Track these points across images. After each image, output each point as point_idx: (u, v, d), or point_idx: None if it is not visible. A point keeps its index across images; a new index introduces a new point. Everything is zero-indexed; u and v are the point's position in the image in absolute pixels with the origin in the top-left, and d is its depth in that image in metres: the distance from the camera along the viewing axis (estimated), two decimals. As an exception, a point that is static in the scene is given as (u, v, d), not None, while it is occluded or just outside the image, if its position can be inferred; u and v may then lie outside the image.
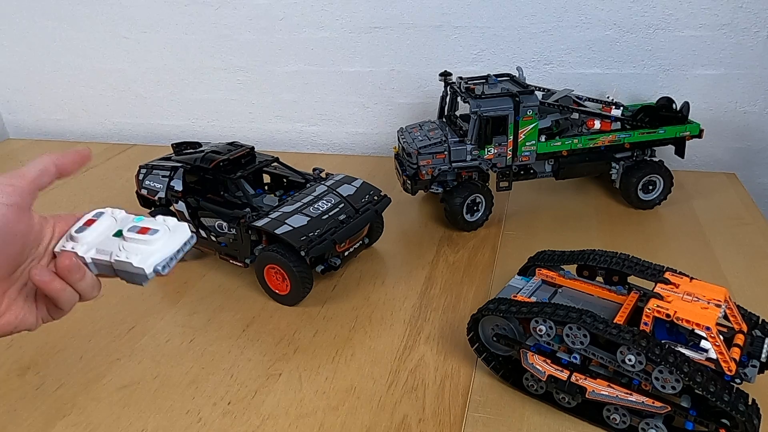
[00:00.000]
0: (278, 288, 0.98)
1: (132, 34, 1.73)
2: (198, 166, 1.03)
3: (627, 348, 0.65)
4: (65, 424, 0.77)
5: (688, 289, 0.68)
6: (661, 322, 0.66)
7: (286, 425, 0.75)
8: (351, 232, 0.98)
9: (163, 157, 1.14)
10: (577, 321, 0.68)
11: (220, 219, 1.04)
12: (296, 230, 0.93)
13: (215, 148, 1.06)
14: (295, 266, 0.93)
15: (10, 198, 0.46)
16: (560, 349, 0.72)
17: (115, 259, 0.51)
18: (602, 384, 0.69)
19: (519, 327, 0.76)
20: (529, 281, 0.83)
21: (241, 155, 1.05)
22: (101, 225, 0.53)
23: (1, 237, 0.45)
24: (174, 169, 1.07)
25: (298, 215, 0.97)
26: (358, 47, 1.54)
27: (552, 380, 0.72)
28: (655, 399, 0.66)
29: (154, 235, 0.51)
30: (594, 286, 0.79)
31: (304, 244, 0.91)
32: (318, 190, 1.05)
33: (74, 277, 0.50)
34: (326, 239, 0.94)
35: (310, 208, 0.99)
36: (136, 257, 0.50)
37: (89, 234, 0.52)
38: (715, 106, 1.37)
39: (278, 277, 0.96)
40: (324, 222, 0.96)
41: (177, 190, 1.06)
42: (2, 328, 0.49)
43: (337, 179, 1.09)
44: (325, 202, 1.01)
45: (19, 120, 2.01)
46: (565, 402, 0.74)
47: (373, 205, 1.04)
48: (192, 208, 1.06)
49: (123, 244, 0.51)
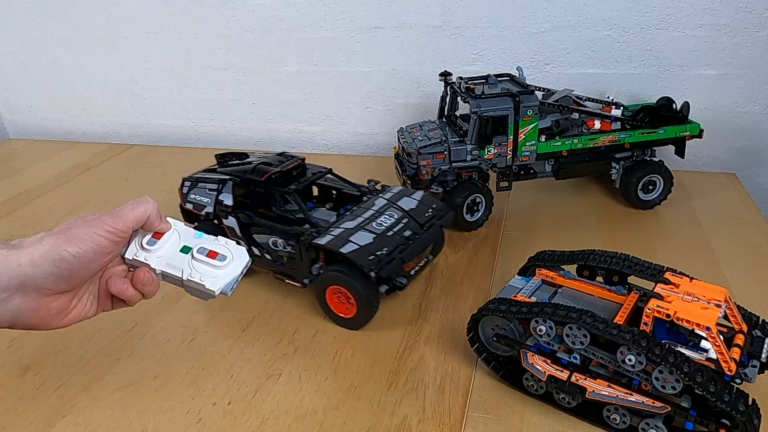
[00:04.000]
0: (342, 311, 0.91)
1: (132, 34, 1.73)
2: (249, 178, 0.96)
3: (627, 348, 0.65)
4: (65, 424, 0.77)
5: (688, 289, 0.68)
6: (661, 322, 0.66)
7: (286, 425, 0.75)
8: (419, 250, 0.91)
9: (207, 168, 1.06)
10: (577, 321, 0.68)
11: (275, 236, 0.95)
12: (363, 249, 0.86)
13: (265, 159, 0.99)
14: (363, 288, 0.86)
15: (110, 236, 0.56)
16: (560, 349, 0.72)
17: (188, 278, 0.59)
18: (602, 384, 0.69)
19: (519, 327, 0.76)
20: (529, 281, 0.83)
21: (293, 167, 0.98)
22: (169, 241, 0.61)
23: (92, 258, 0.55)
24: (222, 182, 0.99)
25: (361, 232, 0.90)
26: (358, 47, 1.54)
27: (552, 380, 0.72)
28: (656, 399, 0.66)
29: (223, 261, 0.60)
30: (594, 286, 0.79)
31: (374, 264, 0.84)
32: (378, 204, 0.98)
33: (148, 288, 0.60)
34: (395, 258, 0.87)
35: (373, 223, 0.92)
36: (208, 280, 0.59)
37: (159, 247, 0.60)
38: (715, 106, 1.37)
39: (342, 299, 0.89)
40: (390, 239, 0.90)
41: (227, 204, 0.98)
42: (68, 322, 0.58)
43: (396, 192, 1.02)
44: (388, 217, 0.94)
45: (19, 120, 2.01)
46: (565, 402, 0.73)
47: (437, 219, 0.97)
48: (244, 224, 0.98)
49: (194, 264, 0.60)
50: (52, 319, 0.57)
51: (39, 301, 0.55)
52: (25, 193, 1.51)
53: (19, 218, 1.37)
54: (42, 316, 0.56)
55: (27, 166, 1.72)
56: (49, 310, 0.56)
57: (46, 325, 0.57)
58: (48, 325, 0.57)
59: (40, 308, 0.55)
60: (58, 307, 0.56)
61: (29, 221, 1.35)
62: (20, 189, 1.54)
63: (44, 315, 0.56)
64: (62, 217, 1.34)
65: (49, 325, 0.57)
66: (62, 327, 0.59)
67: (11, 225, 1.34)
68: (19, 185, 1.57)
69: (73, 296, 0.58)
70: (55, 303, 0.56)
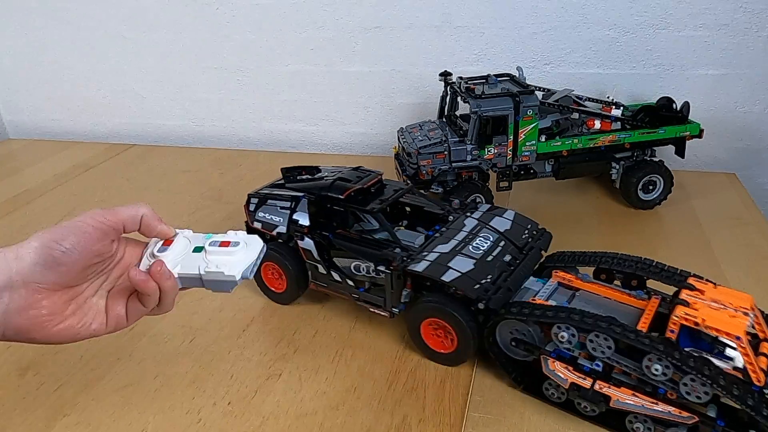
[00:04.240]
0: (438, 345, 0.82)
1: (132, 34, 1.73)
2: (327, 196, 0.87)
3: (657, 358, 0.62)
4: (65, 424, 0.77)
5: (714, 296, 0.66)
6: (684, 328, 0.64)
7: (286, 425, 0.75)
8: (524, 277, 0.82)
9: (273, 183, 0.98)
10: (606, 331, 0.65)
11: (358, 260, 0.86)
12: (465, 277, 0.77)
13: (340, 175, 0.91)
14: (467, 321, 0.77)
15: (98, 224, 0.55)
16: (581, 355, 0.70)
17: (205, 271, 0.58)
18: (627, 392, 0.66)
19: (539, 332, 0.73)
20: (546, 283, 0.80)
21: (371, 183, 0.90)
22: (178, 245, 0.60)
23: (79, 249, 0.53)
24: (295, 200, 0.90)
25: (460, 257, 0.81)
26: (358, 47, 1.54)
27: (575, 388, 0.69)
28: (683, 409, 0.63)
29: (236, 247, 0.59)
30: (612, 290, 0.77)
31: (481, 293, 0.76)
32: (468, 225, 0.89)
33: (166, 282, 0.57)
34: (501, 287, 0.77)
35: (469, 247, 0.83)
36: (225, 267, 0.58)
37: (170, 253, 0.59)
38: (715, 106, 1.37)
39: (439, 332, 0.81)
40: (491, 265, 0.81)
41: (302, 225, 0.89)
42: (65, 331, 0.55)
43: (484, 210, 0.93)
44: (483, 240, 0.85)
45: (19, 120, 2.01)
46: (587, 410, 0.71)
47: (535, 241, 0.89)
48: (322, 246, 0.89)
49: (209, 258, 0.59)
50: (46, 321, 0.54)
51: (29, 299, 0.52)
52: (25, 193, 1.51)
53: (19, 218, 1.37)
54: (33, 316, 0.53)
55: (27, 166, 1.72)
56: (41, 309, 0.53)
57: (39, 330, 0.54)
58: (42, 329, 0.54)
59: (30, 307, 0.53)
60: (50, 306, 0.54)
61: (29, 221, 1.35)
62: (20, 189, 1.54)
63: (36, 315, 0.53)
64: (62, 217, 1.34)
65: (43, 331, 0.54)
66: (61, 339, 0.56)
67: (11, 225, 1.34)
68: (19, 185, 1.57)
69: (70, 299, 0.56)
70: (46, 301, 0.53)
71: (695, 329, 0.63)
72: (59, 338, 0.56)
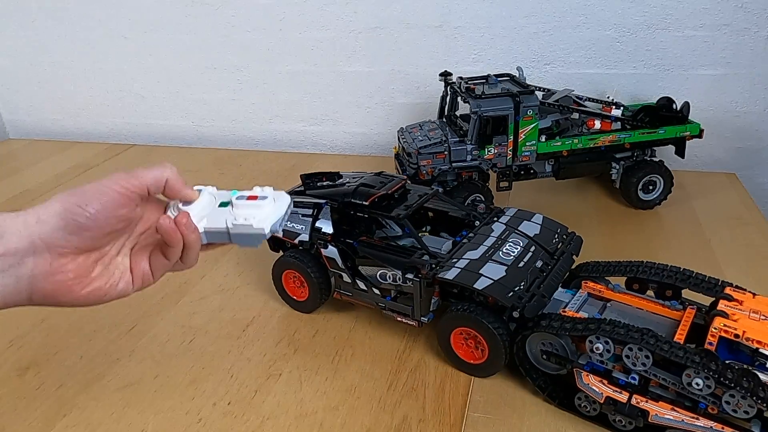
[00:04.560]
0: (469, 356, 0.80)
1: (132, 34, 1.73)
2: (351, 202, 0.85)
3: (695, 371, 0.60)
4: (65, 424, 0.77)
5: (753, 306, 0.64)
6: (722, 339, 0.62)
7: (286, 425, 0.75)
8: (557, 283, 0.80)
9: (292, 190, 0.94)
10: (640, 342, 0.63)
11: (385, 268, 0.83)
12: (498, 284, 0.75)
13: (363, 180, 0.89)
14: (498, 330, 0.75)
15: (123, 189, 0.53)
16: (615, 368, 0.68)
17: (233, 224, 0.57)
18: (666, 407, 0.64)
19: (571, 344, 0.71)
20: (575, 294, 0.78)
21: (396, 189, 0.87)
22: (203, 200, 0.59)
23: (105, 215, 0.52)
24: (317, 207, 0.88)
25: (490, 263, 0.78)
26: (358, 47, 1.54)
27: (610, 402, 0.67)
28: (725, 424, 0.61)
29: (264, 201, 0.58)
30: (646, 301, 0.75)
31: (515, 301, 0.74)
32: (497, 230, 0.86)
33: (190, 235, 0.56)
34: (535, 294, 0.75)
35: (499, 253, 0.81)
36: (254, 220, 0.56)
37: (196, 207, 0.58)
38: (715, 106, 1.37)
39: (470, 342, 0.79)
40: (522, 271, 0.78)
41: (326, 232, 0.87)
42: (93, 293, 0.55)
43: (511, 215, 0.91)
44: (513, 245, 0.83)
45: (19, 120, 2.01)
46: (621, 425, 0.69)
47: (566, 246, 0.86)
48: (347, 254, 0.87)
49: (237, 212, 0.57)
50: (73, 285, 0.53)
51: (54, 263, 0.51)
52: (25, 193, 1.51)
53: (19, 218, 1.37)
54: (59, 280, 0.52)
55: (27, 166, 1.72)
56: (67, 273, 0.52)
57: (66, 294, 0.53)
58: (69, 293, 0.53)
59: (56, 271, 0.52)
60: (76, 270, 0.53)
61: (29, 221, 1.35)
62: (20, 189, 1.54)
63: (62, 279, 0.52)
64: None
65: (70, 294, 0.53)
66: (89, 302, 0.55)
67: (11, 225, 1.34)
68: (19, 185, 1.57)
69: (95, 261, 0.55)
70: (71, 265, 0.52)
71: (734, 341, 0.62)
72: (87, 301, 0.55)
